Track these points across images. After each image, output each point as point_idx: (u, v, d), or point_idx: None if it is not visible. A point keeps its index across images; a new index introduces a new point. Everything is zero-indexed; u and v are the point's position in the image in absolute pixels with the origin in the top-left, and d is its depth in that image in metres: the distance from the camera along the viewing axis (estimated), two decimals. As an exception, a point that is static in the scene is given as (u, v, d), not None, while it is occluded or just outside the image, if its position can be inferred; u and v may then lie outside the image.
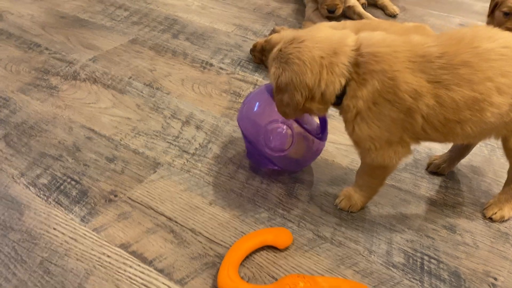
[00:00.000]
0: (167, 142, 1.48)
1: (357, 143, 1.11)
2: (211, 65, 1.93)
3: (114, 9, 2.40)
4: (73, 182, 1.31)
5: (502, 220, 1.23)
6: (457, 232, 1.21)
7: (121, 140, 1.48)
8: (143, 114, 1.61)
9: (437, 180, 1.38)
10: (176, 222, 1.20)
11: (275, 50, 1.08)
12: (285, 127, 1.22)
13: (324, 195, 1.31)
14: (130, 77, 1.81)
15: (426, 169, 1.42)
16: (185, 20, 2.32)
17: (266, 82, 1.79)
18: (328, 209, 1.26)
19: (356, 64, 1.01)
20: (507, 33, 1.06)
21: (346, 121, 1.09)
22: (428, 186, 1.36)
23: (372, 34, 1.06)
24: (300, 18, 2.42)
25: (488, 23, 2.16)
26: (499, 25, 1.96)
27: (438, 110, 1.01)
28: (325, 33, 1.05)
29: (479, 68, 0.98)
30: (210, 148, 1.46)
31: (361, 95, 1.02)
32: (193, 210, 1.24)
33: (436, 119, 1.02)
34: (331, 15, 2.28)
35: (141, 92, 1.73)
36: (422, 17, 2.49)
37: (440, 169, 1.39)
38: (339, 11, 2.28)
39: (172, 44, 2.08)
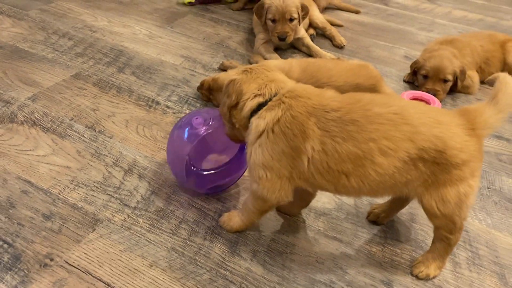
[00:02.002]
0: (108, 194, 1.44)
1: (251, 170, 1.21)
2: (158, 103, 1.90)
3: (57, 38, 2.31)
4: (5, 245, 1.25)
5: (428, 279, 1.27)
6: (394, 287, 1.25)
7: (59, 193, 1.43)
8: (83, 162, 1.56)
9: (376, 230, 1.42)
10: (114, 288, 1.17)
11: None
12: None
13: (268, 250, 1.31)
14: (72, 119, 1.76)
15: (367, 218, 1.45)
16: (132, 51, 2.27)
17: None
18: (271, 267, 1.27)
19: (276, 94, 1.17)
20: (405, 102, 1.15)
21: (248, 145, 1.20)
22: (368, 237, 1.39)
23: (304, 85, 1.22)
24: (249, 49, 2.42)
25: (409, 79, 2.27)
26: (421, 86, 2.14)
27: (323, 156, 1.11)
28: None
29: (365, 128, 1.08)
30: (153, 201, 1.44)
31: (264, 115, 1.15)
32: (133, 274, 1.21)
33: (320, 164, 1.12)
34: (282, 42, 2.30)
35: (83, 135, 1.67)
36: (368, 47, 2.56)
37: (380, 219, 1.43)
38: (290, 38, 2.30)
39: (118, 79, 2.03)
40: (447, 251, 1.25)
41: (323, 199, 1.50)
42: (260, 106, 1.17)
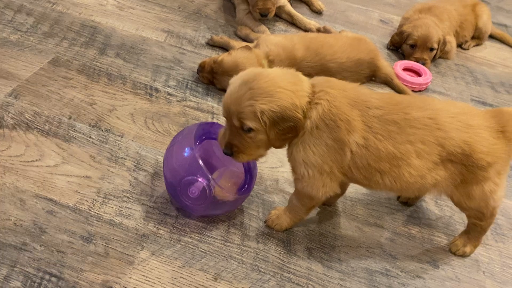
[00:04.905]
0: (143, 204, 1.35)
1: (293, 168, 1.22)
2: (157, 90, 1.76)
3: (13, 14, 2.00)
4: (53, 279, 1.14)
5: (465, 256, 1.38)
6: (440, 267, 1.35)
7: (89, 209, 1.31)
8: (102, 169, 1.43)
9: (409, 212, 1.50)
10: (188, 310, 1.14)
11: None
12: (204, 181, 1.23)
13: (321, 246, 1.34)
14: (70, 117, 1.57)
15: (397, 199, 1.52)
16: (106, 27, 2.04)
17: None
18: (328, 263, 1.30)
19: (312, 89, 1.15)
20: (439, 104, 1.20)
21: (289, 145, 1.19)
22: (404, 219, 1.47)
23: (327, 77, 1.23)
24: (230, 18, 2.29)
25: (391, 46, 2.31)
26: (408, 55, 2.17)
27: (364, 152, 1.14)
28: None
29: (404, 131, 1.14)
30: (192, 206, 1.37)
31: (309, 115, 1.13)
32: (201, 291, 1.18)
33: (360, 160, 1.15)
34: (263, 18, 2.21)
35: (90, 137, 1.52)
36: (345, 12, 2.54)
37: (410, 200, 1.51)
38: (272, 14, 2.21)
39: (103, 63, 1.83)
40: (481, 233, 1.36)
41: (353, 185, 1.53)
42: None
